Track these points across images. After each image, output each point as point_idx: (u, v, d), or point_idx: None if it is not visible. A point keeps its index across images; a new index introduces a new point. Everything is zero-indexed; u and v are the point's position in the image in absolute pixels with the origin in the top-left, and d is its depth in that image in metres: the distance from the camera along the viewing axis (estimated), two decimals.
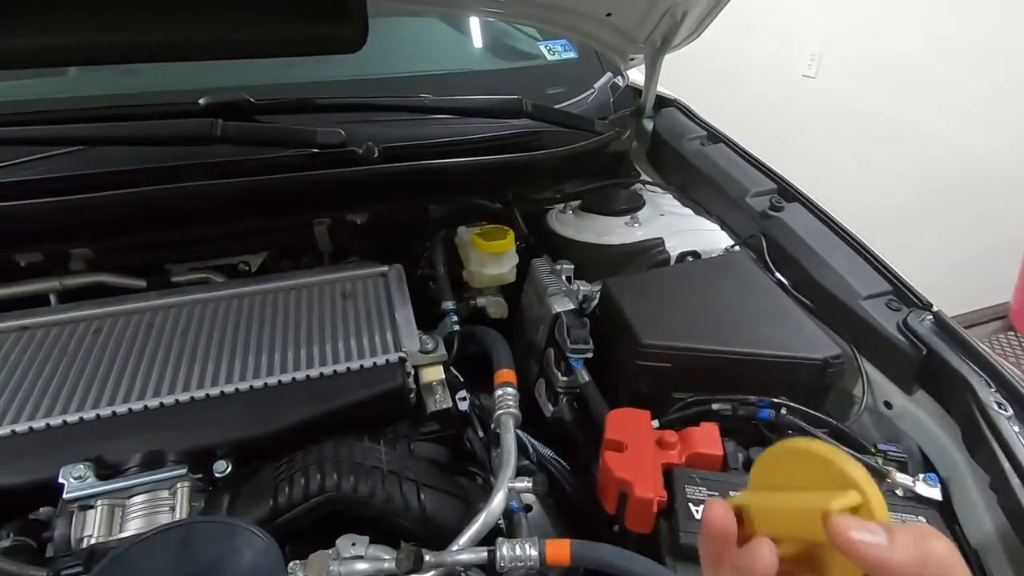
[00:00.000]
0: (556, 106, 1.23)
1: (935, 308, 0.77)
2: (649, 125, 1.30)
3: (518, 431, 0.87)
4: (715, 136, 1.16)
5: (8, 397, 0.72)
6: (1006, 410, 0.63)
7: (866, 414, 0.80)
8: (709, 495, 0.66)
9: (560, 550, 0.56)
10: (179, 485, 0.66)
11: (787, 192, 1.00)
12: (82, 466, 0.64)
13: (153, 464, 0.67)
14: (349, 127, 1.00)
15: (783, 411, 0.73)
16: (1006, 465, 0.59)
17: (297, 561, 0.59)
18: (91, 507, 0.64)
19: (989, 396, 0.64)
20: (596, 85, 1.31)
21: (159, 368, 0.77)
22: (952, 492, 0.67)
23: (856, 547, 0.28)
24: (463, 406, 0.83)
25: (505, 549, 0.57)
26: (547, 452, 0.87)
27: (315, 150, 0.97)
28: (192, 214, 1.00)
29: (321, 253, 1.12)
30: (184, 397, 0.73)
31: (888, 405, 0.77)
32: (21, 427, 0.67)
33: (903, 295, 0.80)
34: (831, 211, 0.93)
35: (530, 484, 0.64)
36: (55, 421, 0.69)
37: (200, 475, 0.69)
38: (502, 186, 1.12)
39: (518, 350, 1.07)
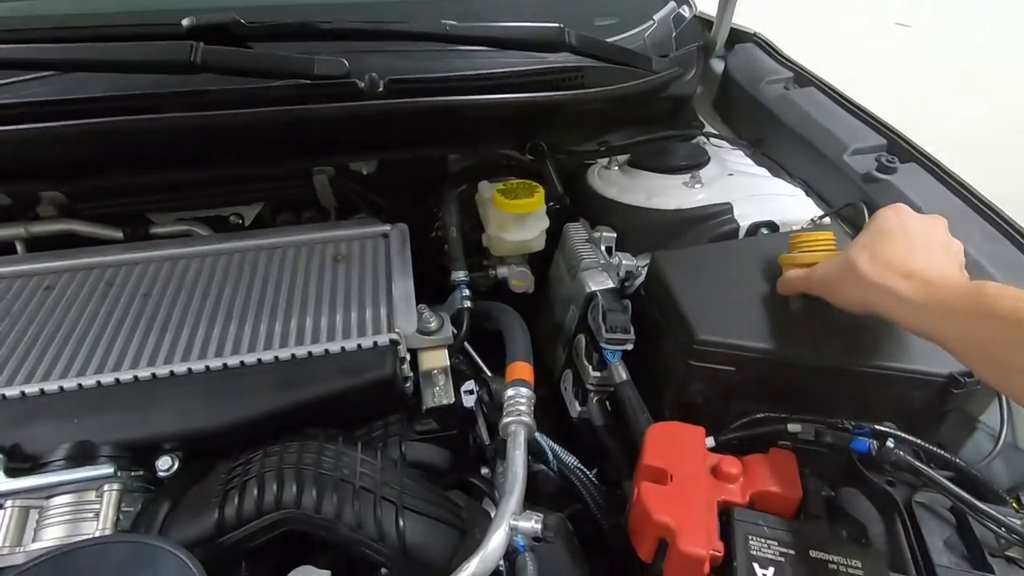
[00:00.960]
0: (606, 40, 1.03)
1: None
2: (719, 66, 1.07)
3: (536, 436, 0.71)
4: (804, 78, 0.93)
5: None
6: None
7: (1002, 457, 0.60)
8: (782, 552, 0.49)
9: None
10: (107, 487, 0.53)
11: (901, 149, 0.77)
12: None
13: (82, 457, 0.55)
14: (355, 58, 0.83)
15: (889, 442, 0.54)
16: None
17: None
18: (1, 507, 0.52)
19: None
20: (656, 16, 1.09)
21: (108, 338, 0.65)
22: None
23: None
24: (468, 401, 0.68)
25: None
26: (571, 460, 0.71)
27: (311, 82, 0.81)
28: (172, 153, 0.86)
29: (325, 208, 0.97)
30: (128, 376, 0.60)
31: None
32: None
33: None
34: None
35: (539, 526, 0.48)
36: None
37: (140, 472, 0.57)
38: (534, 133, 0.93)
39: (544, 332, 0.91)
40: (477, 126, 0.92)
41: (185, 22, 0.81)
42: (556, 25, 0.85)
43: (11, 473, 0.52)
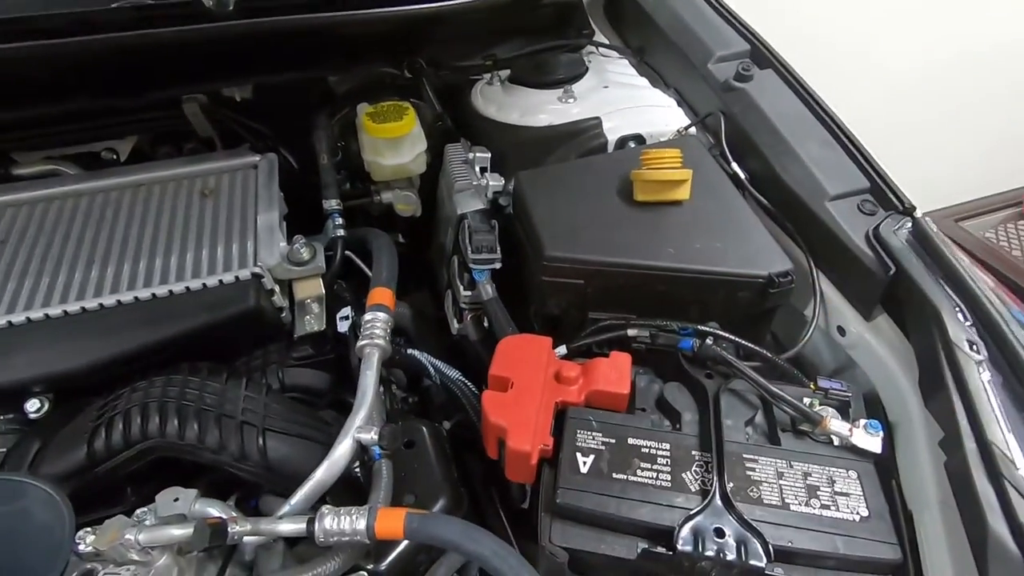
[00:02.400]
0: None
1: (918, 213, 0.60)
2: None
3: (416, 352, 0.76)
4: None
5: None
6: (978, 352, 0.49)
7: (819, 339, 0.67)
8: (604, 442, 0.55)
9: (393, 523, 0.46)
10: None
11: (761, 56, 0.78)
12: None
13: None
14: None
15: (709, 340, 0.60)
16: (963, 422, 0.46)
17: (88, 528, 0.49)
18: None
19: (961, 332, 0.50)
20: None
21: None
22: (897, 442, 0.56)
23: None
24: (343, 327, 0.71)
25: (328, 521, 0.47)
26: (453, 373, 0.76)
27: (151, 1, 0.75)
28: (21, 87, 0.80)
29: (207, 139, 0.94)
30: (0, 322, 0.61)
31: (841, 331, 0.64)
32: None
33: (882, 195, 0.63)
34: (808, 81, 0.72)
35: (375, 436, 0.53)
36: None
37: (10, 415, 0.59)
38: (412, 49, 0.90)
39: (434, 254, 0.93)
40: (350, 44, 0.88)
41: None
42: None
43: None
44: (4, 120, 0.84)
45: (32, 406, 0.59)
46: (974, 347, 0.49)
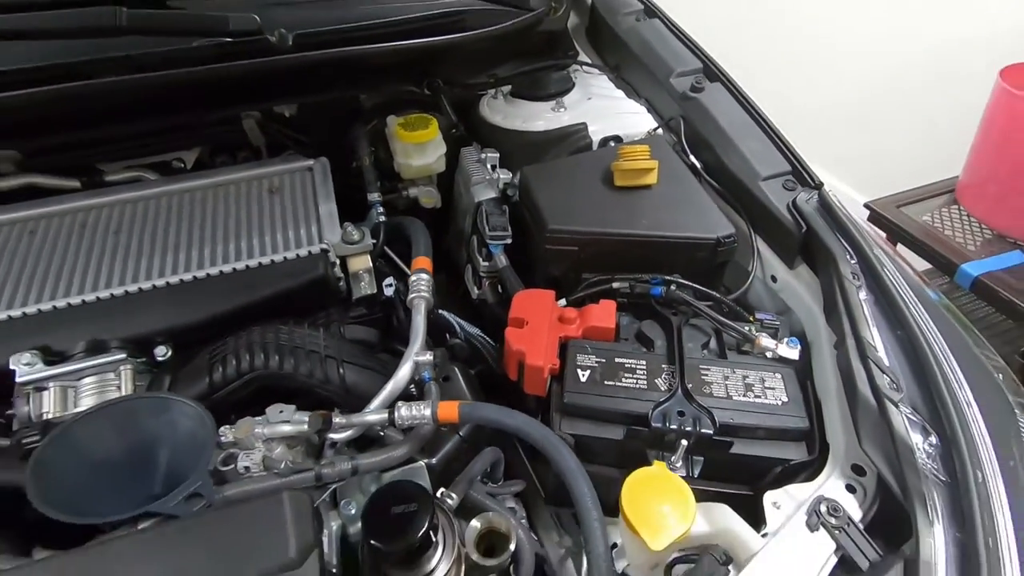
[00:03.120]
0: None
1: (823, 188, 0.81)
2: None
3: (444, 312, 0.94)
4: (651, 10, 1.11)
5: None
6: (858, 280, 0.69)
7: (760, 287, 0.87)
8: (597, 361, 0.75)
9: (450, 410, 0.65)
10: (122, 368, 0.73)
11: (711, 71, 0.99)
12: (29, 354, 0.71)
13: (98, 351, 0.74)
14: (265, 11, 0.96)
15: (673, 287, 0.79)
16: (846, 327, 0.66)
17: (227, 426, 0.67)
18: (45, 389, 0.72)
19: (847, 268, 0.71)
20: None
21: (95, 265, 0.82)
22: (812, 354, 0.76)
23: None
24: (388, 292, 0.90)
25: (403, 410, 0.66)
26: (474, 330, 0.95)
27: (228, 39, 0.94)
28: (111, 111, 0.98)
29: (256, 148, 1.12)
30: (120, 291, 0.79)
31: (774, 279, 0.84)
32: None
33: (799, 175, 0.84)
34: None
35: (431, 358, 0.72)
36: (0, 316, 0.75)
37: (144, 359, 0.77)
38: (430, 72, 1.09)
39: (453, 238, 1.12)
40: (380, 68, 1.07)
41: None
42: None
43: (49, 363, 0.72)
44: (96, 137, 1.02)
45: (160, 352, 0.77)
46: (856, 277, 0.69)
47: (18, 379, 0.70)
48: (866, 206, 1.82)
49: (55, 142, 1.00)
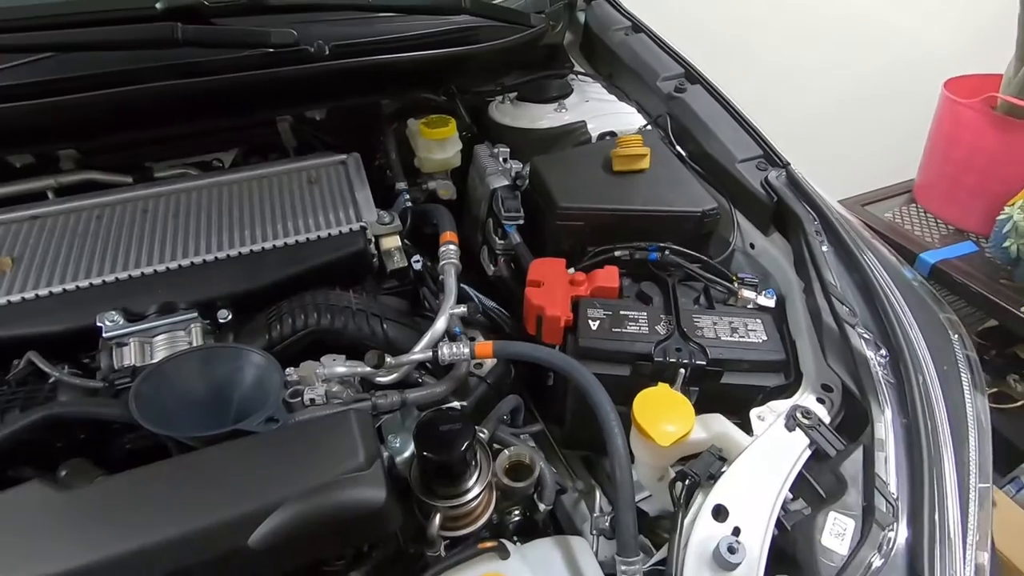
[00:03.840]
0: (494, 1, 1.33)
1: (790, 166, 0.95)
2: (583, 17, 1.40)
3: (464, 285, 1.06)
4: (637, 27, 1.27)
5: (47, 267, 0.87)
6: (820, 236, 0.83)
7: (740, 254, 1.01)
8: (605, 314, 0.87)
9: (485, 348, 0.77)
10: (192, 326, 0.84)
11: (692, 76, 1.15)
12: (114, 312, 0.81)
13: (168, 312, 0.85)
14: (301, 27, 1.09)
15: (667, 252, 0.93)
16: (812, 274, 0.80)
17: (291, 367, 0.78)
18: (126, 344, 0.82)
19: (812, 228, 0.85)
20: None
21: (160, 242, 0.93)
22: (787, 303, 0.89)
23: None
24: (417, 267, 1.02)
25: (445, 348, 0.77)
26: (490, 303, 1.07)
27: (270, 49, 1.07)
28: (161, 114, 1.10)
29: (287, 149, 1.25)
30: (185, 262, 0.90)
31: (752, 246, 0.98)
32: (57, 289, 0.84)
33: (770, 157, 0.99)
34: (726, 91, 1.09)
35: (465, 310, 0.84)
36: (83, 284, 0.85)
37: (208, 321, 0.88)
38: (446, 80, 1.24)
39: (466, 225, 1.25)
40: (403, 76, 1.21)
41: (159, 5, 1.05)
42: None
43: (130, 322, 0.82)
44: (147, 138, 1.14)
45: (223, 314, 0.87)
46: (818, 234, 0.84)
47: (104, 334, 0.80)
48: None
49: (109, 142, 1.11)
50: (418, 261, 1.03)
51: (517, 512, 0.84)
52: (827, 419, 0.71)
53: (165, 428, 0.68)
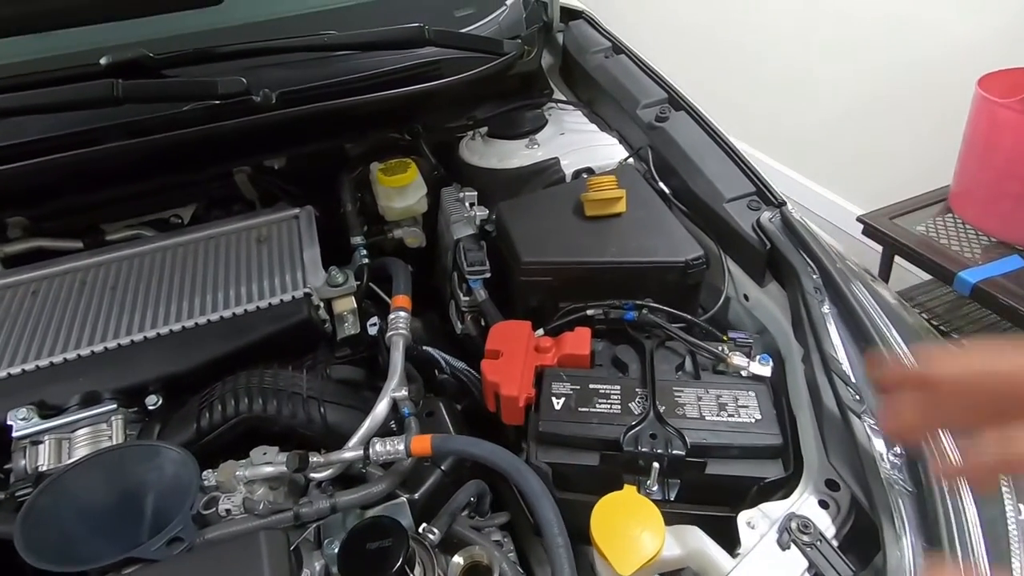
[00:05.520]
0: (465, 29, 1.24)
1: (785, 206, 0.82)
2: (562, 39, 1.29)
3: (429, 348, 0.96)
4: (618, 48, 1.16)
5: None
6: (821, 294, 0.70)
7: (736, 305, 0.88)
8: (572, 389, 0.76)
9: (423, 444, 0.67)
10: (114, 418, 0.76)
11: (676, 101, 1.02)
12: (25, 409, 0.74)
13: (91, 402, 0.78)
14: (253, 73, 1.02)
15: (645, 311, 0.81)
16: (810, 341, 0.67)
17: (210, 470, 0.69)
18: (41, 442, 0.75)
19: (810, 282, 0.71)
20: (508, 2, 1.29)
21: (91, 320, 0.86)
22: (786, 368, 0.76)
23: None
24: (372, 331, 0.92)
25: (377, 446, 0.67)
26: (460, 364, 0.96)
27: (216, 101, 1.00)
28: (111, 174, 1.05)
29: (248, 200, 1.18)
30: (113, 344, 0.82)
31: (746, 297, 0.85)
32: None
33: (763, 195, 0.86)
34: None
35: (406, 393, 0.74)
36: (3, 374, 0.79)
37: (136, 408, 0.80)
38: (411, 118, 1.15)
39: (438, 275, 1.15)
40: (362, 119, 1.12)
41: (103, 61, 0.99)
42: (416, 25, 1.06)
43: (44, 417, 0.75)
44: (95, 201, 1.08)
45: (151, 400, 0.79)
46: (818, 291, 0.70)
47: (14, 434, 0.73)
48: (860, 219, 1.83)
49: (59, 206, 1.06)
50: (374, 324, 0.94)
51: None
52: (831, 531, 0.58)
53: (55, 554, 0.60)
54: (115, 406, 0.76)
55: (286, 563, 0.58)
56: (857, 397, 0.60)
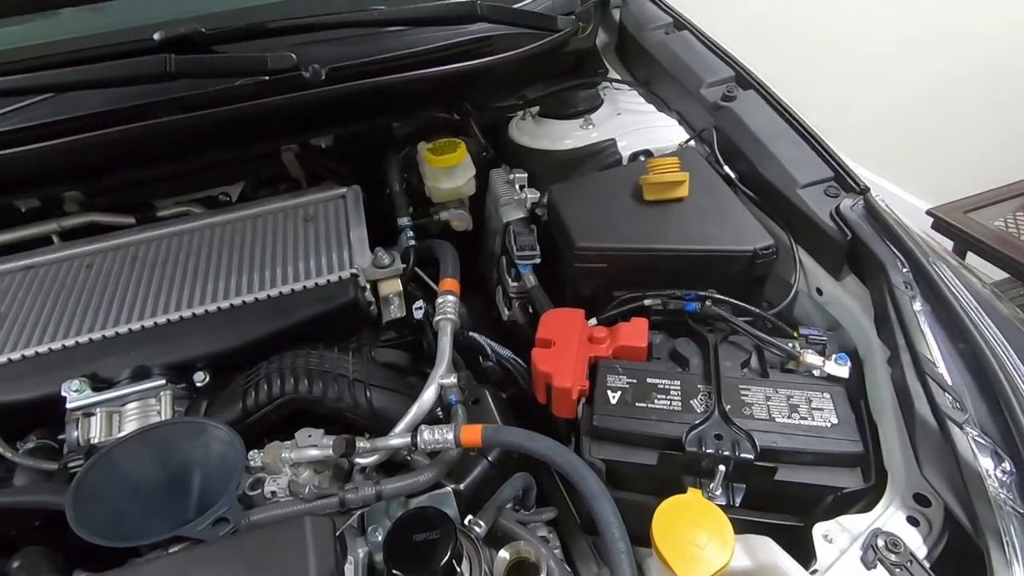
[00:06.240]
0: (518, 4, 1.19)
1: (869, 192, 0.75)
2: (619, 15, 1.23)
3: (475, 335, 0.93)
4: (680, 23, 1.09)
5: (17, 328, 0.83)
6: (912, 290, 0.63)
7: (807, 301, 0.82)
8: (628, 382, 0.71)
9: (473, 434, 0.64)
10: (162, 393, 0.76)
11: (744, 79, 0.95)
12: (78, 381, 0.74)
13: (141, 377, 0.78)
14: (302, 49, 1.00)
15: (708, 303, 0.75)
16: (900, 341, 0.61)
17: (256, 450, 0.68)
18: (93, 414, 0.75)
19: (899, 277, 0.65)
20: None
21: (142, 296, 0.86)
22: (866, 371, 0.70)
23: None
24: (417, 315, 0.90)
25: (425, 434, 0.64)
26: (506, 352, 0.93)
27: (268, 77, 0.98)
28: (162, 150, 1.05)
29: (295, 179, 1.17)
30: (163, 320, 0.82)
31: (820, 292, 0.79)
32: (28, 352, 0.78)
33: (843, 181, 0.79)
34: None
35: (455, 380, 0.71)
36: (55, 345, 0.79)
37: (183, 385, 0.80)
38: (460, 97, 1.11)
39: (484, 260, 1.12)
40: (410, 97, 1.09)
41: (156, 36, 0.98)
42: (469, 0, 1.02)
43: (96, 390, 0.75)
44: (150, 176, 1.08)
45: (199, 377, 0.79)
46: (908, 286, 0.64)
47: (68, 405, 0.74)
48: (929, 213, 1.70)
49: (113, 182, 1.06)
50: (420, 308, 0.91)
51: None
52: (922, 551, 0.52)
53: (104, 528, 0.59)
54: (164, 382, 0.76)
55: (331, 550, 0.56)
56: (957, 405, 0.54)
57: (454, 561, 0.59)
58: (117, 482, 0.64)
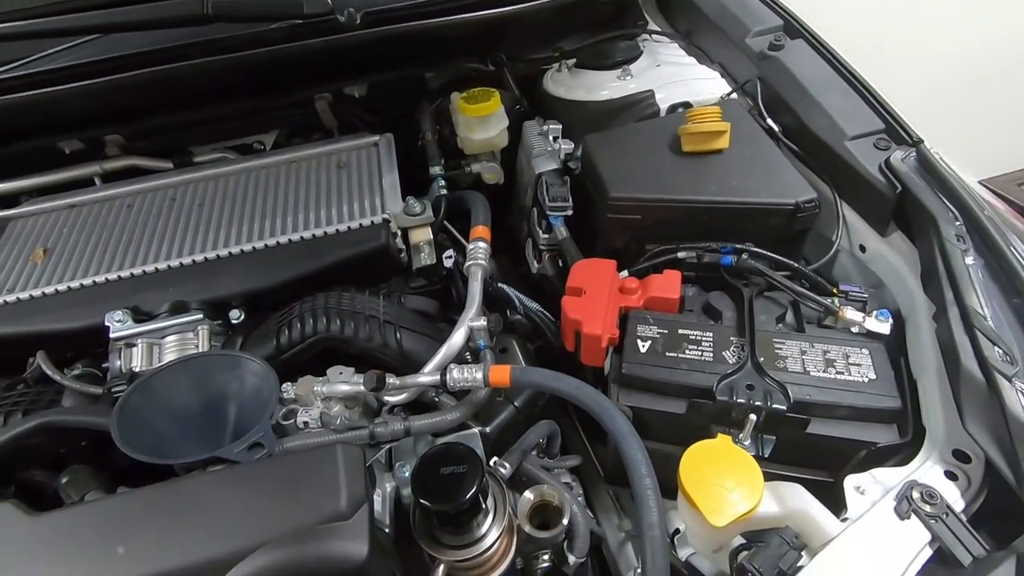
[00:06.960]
0: None
1: (923, 144, 0.71)
2: None
3: (503, 285, 0.93)
4: None
5: (64, 262, 0.85)
6: (964, 243, 0.61)
7: (847, 259, 0.79)
8: (659, 332, 0.71)
9: (501, 373, 0.64)
10: (200, 328, 0.78)
11: (793, 28, 0.91)
12: (121, 312, 0.77)
13: (180, 311, 0.80)
14: None
15: (745, 256, 0.74)
16: (948, 295, 0.58)
17: (289, 383, 0.70)
18: (135, 345, 0.77)
19: (951, 230, 0.62)
20: None
21: (180, 235, 0.88)
22: (908, 329, 0.67)
23: None
24: (448, 264, 0.90)
25: (455, 372, 0.65)
26: (534, 305, 0.93)
27: (302, 21, 0.97)
28: (198, 95, 1.06)
29: (328, 129, 1.17)
30: (200, 258, 0.84)
31: (863, 249, 0.76)
32: (74, 283, 0.81)
33: (894, 133, 0.75)
34: (835, 46, 0.85)
35: (485, 323, 0.71)
36: (99, 279, 0.82)
37: (220, 321, 0.82)
38: (495, 46, 1.09)
39: (515, 213, 1.11)
40: (445, 45, 1.07)
41: None
42: None
43: (137, 322, 0.77)
44: (187, 120, 1.10)
45: (234, 314, 0.81)
46: (960, 239, 0.61)
47: (111, 335, 0.76)
48: (982, 184, 1.62)
49: (152, 125, 1.08)
50: (450, 257, 0.91)
51: (547, 558, 0.71)
52: (960, 506, 0.51)
53: (146, 448, 0.62)
54: (201, 316, 0.78)
55: (361, 477, 0.58)
56: (1007, 358, 0.52)
57: (480, 496, 0.60)
58: (158, 407, 0.66)
